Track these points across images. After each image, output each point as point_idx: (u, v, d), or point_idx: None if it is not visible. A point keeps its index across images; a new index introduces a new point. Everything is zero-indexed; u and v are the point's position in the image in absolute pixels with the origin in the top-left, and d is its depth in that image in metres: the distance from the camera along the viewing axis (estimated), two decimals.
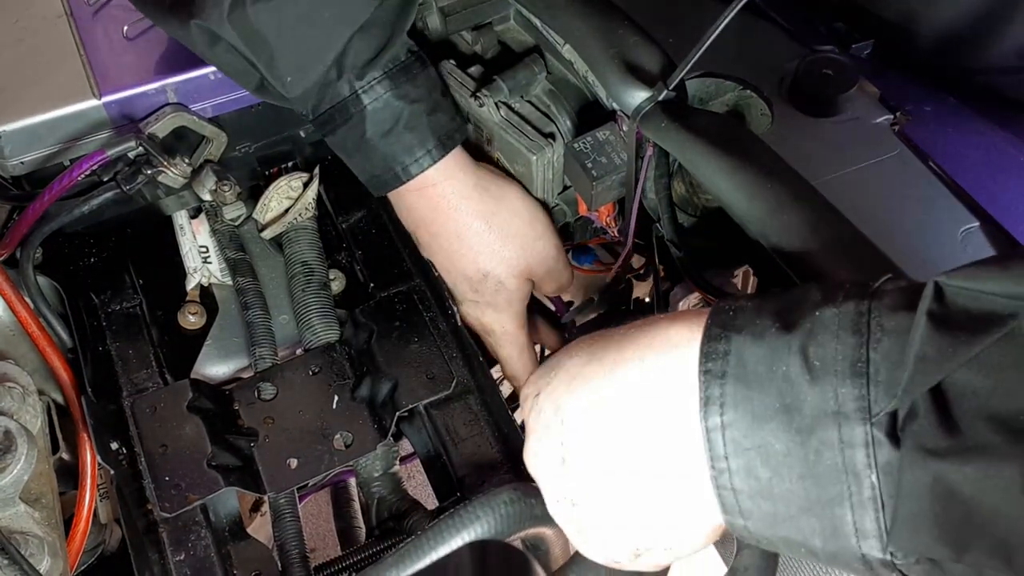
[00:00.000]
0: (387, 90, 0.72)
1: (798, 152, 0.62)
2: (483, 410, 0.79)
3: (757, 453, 0.44)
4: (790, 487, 0.43)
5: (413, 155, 0.75)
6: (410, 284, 0.85)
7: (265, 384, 0.79)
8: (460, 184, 0.77)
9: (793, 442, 0.43)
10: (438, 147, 0.75)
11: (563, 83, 0.78)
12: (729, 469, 0.45)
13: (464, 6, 0.80)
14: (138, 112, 0.79)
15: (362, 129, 0.73)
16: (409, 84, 0.73)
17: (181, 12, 0.69)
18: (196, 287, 0.86)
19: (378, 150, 0.74)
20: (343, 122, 0.74)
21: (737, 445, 0.45)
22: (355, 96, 0.72)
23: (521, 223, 0.80)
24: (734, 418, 0.45)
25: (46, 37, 0.82)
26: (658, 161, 0.67)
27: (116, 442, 0.74)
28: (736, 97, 0.72)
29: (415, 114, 0.74)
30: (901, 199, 0.64)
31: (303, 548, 0.75)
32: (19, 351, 0.77)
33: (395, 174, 0.75)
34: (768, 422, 0.44)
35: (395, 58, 0.73)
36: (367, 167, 0.76)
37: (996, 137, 0.74)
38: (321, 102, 0.73)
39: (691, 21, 0.65)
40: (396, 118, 0.73)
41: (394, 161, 0.75)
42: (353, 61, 0.71)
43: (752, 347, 0.45)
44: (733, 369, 0.45)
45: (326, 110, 0.73)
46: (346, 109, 0.73)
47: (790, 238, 0.55)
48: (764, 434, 0.44)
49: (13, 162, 0.77)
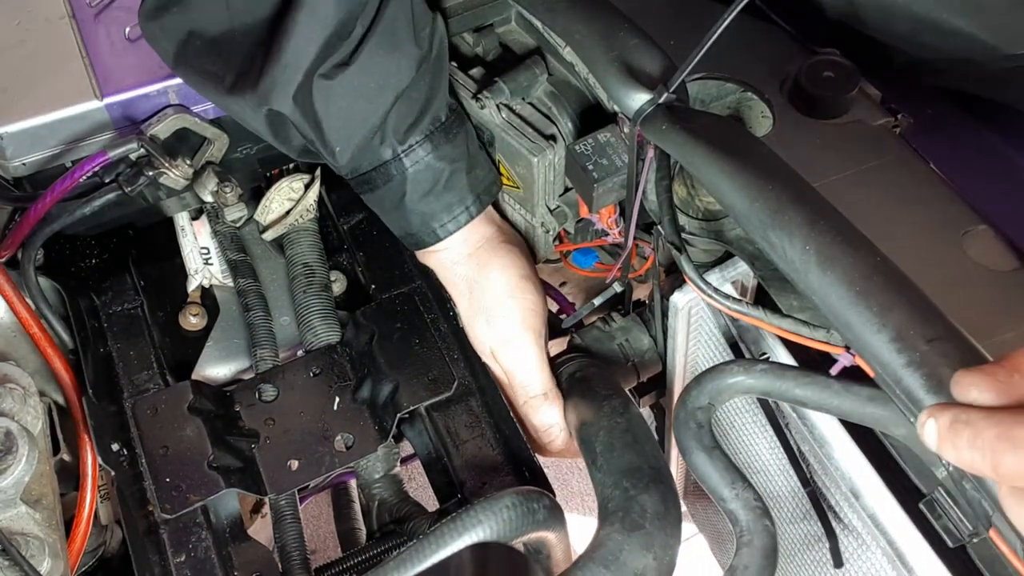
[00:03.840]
0: (428, 152, 0.73)
1: (799, 154, 0.62)
2: (484, 412, 0.79)
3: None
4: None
5: (452, 213, 0.76)
6: (411, 286, 0.85)
7: (266, 385, 0.79)
8: (457, 252, 0.78)
9: None
10: (475, 203, 0.76)
11: (564, 85, 0.78)
12: None
13: (465, 8, 0.80)
14: (140, 113, 0.79)
15: (403, 190, 0.74)
16: (449, 144, 0.74)
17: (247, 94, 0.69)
18: (197, 288, 0.86)
19: (417, 210, 0.75)
20: (383, 183, 0.74)
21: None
22: (397, 159, 0.73)
23: (495, 302, 0.78)
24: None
25: (48, 39, 0.82)
26: (659, 163, 0.67)
27: (117, 443, 0.74)
28: (737, 99, 0.72)
29: (455, 173, 0.75)
30: (902, 201, 0.64)
31: (304, 550, 0.75)
32: (20, 352, 0.77)
33: (432, 231, 0.76)
34: None
35: (436, 119, 0.74)
36: (404, 225, 0.77)
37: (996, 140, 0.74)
38: (361, 164, 0.74)
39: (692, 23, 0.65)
40: (436, 179, 0.74)
41: (433, 220, 0.76)
42: (394, 125, 0.71)
43: None
44: None
45: (366, 171, 0.74)
46: (387, 172, 0.73)
47: (791, 240, 0.55)
48: None
49: (15, 163, 0.77)
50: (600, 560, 0.60)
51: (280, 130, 0.72)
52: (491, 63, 0.82)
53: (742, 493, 0.62)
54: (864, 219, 0.56)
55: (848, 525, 0.66)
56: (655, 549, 0.61)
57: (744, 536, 0.62)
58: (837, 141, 0.68)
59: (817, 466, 0.67)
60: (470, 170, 0.76)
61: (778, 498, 0.76)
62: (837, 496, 0.66)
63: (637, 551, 0.61)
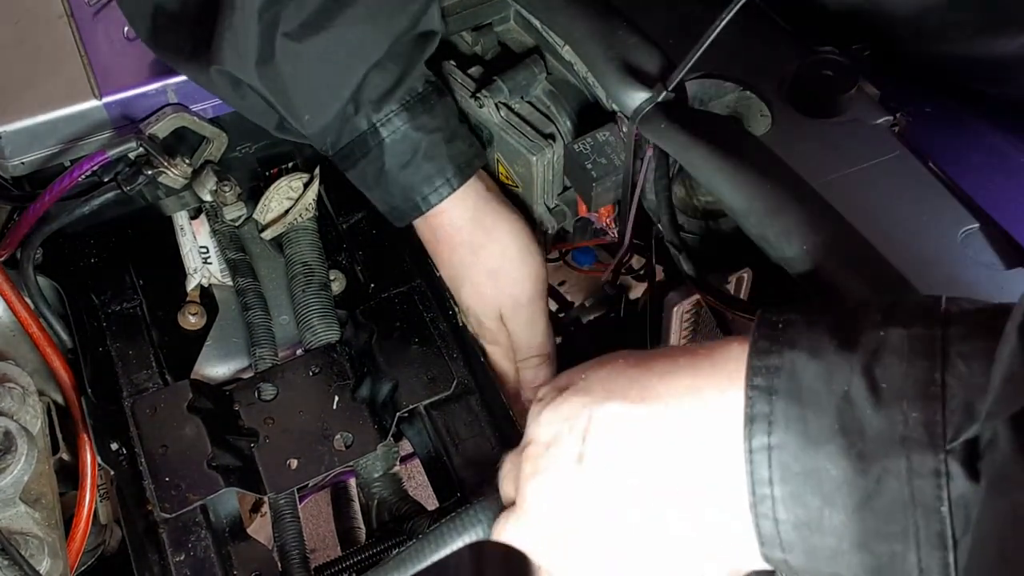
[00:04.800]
0: (404, 122, 0.73)
1: (798, 153, 0.62)
2: (484, 411, 0.79)
3: (807, 479, 0.40)
4: (843, 519, 0.39)
5: (432, 185, 0.75)
6: (410, 285, 0.85)
7: (265, 385, 0.79)
8: (457, 216, 0.77)
9: (852, 469, 0.39)
10: (457, 175, 0.75)
11: (563, 84, 0.78)
12: (773, 496, 0.41)
13: (464, 7, 0.80)
14: (138, 113, 0.79)
15: (381, 162, 0.73)
16: (427, 115, 0.73)
17: (201, 59, 0.69)
18: (196, 288, 0.86)
19: (398, 182, 0.75)
20: (362, 156, 0.74)
21: (785, 469, 0.41)
22: (373, 129, 0.72)
23: (505, 261, 0.78)
24: (784, 439, 0.41)
25: (47, 38, 0.82)
26: (658, 162, 0.67)
27: (116, 443, 0.74)
28: (736, 98, 0.72)
29: (433, 144, 0.74)
30: (901, 200, 0.64)
31: (303, 549, 0.75)
32: (19, 352, 0.77)
33: (415, 204, 0.76)
34: (824, 445, 0.40)
35: (412, 90, 0.73)
36: (387, 199, 0.77)
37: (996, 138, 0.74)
38: (340, 138, 0.73)
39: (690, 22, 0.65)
40: (415, 149, 0.73)
41: (413, 192, 0.75)
42: (369, 95, 0.71)
43: (808, 364, 0.41)
44: (785, 385, 0.41)
45: (345, 145, 0.74)
46: (365, 143, 0.73)
47: (789, 239, 0.55)
48: (819, 458, 0.40)
49: (14, 163, 0.77)
50: None
51: (245, 99, 0.71)
52: (490, 62, 0.82)
53: None
54: (863, 218, 0.56)
55: None
56: None
57: None
58: (836, 140, 0.68)
59: None
60: (450, 140, 0.75)
61: None
62: None
63: None
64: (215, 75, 0.70)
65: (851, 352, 0.40)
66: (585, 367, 0.52)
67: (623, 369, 0.49)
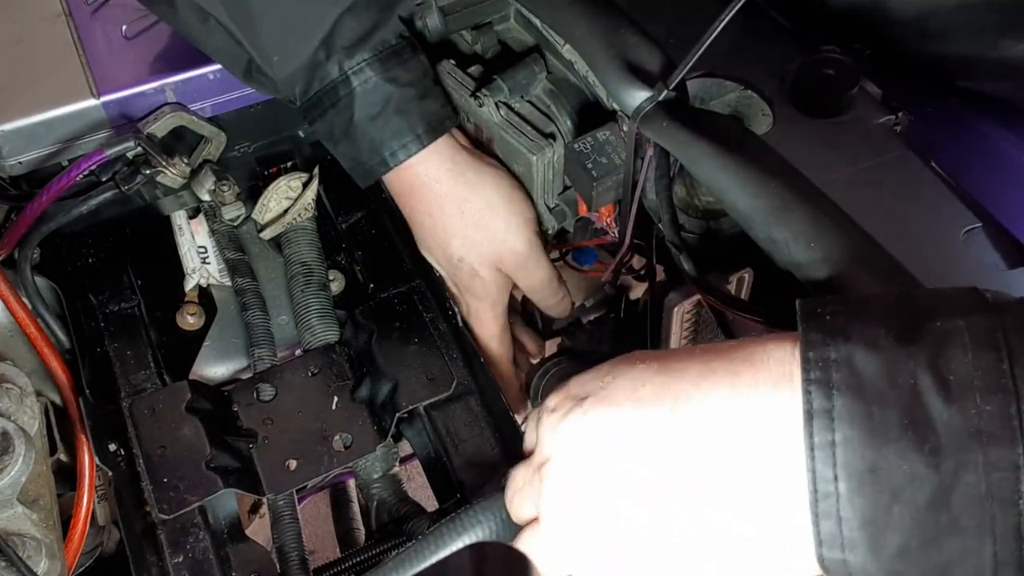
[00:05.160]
0: (377, 73, 0.71)
1: (799, 153, 0.62)
2: (484, 411, 0.79)
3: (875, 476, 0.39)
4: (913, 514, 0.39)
5: (401, 140, 0.73)
6: (410, 285, 0.85)
7: (264, 385, 0.79)
8: (434, 168, 0.75)
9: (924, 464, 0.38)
10: (427, 132, 0.74)
11: (563, 83, 0.78)
12: (837, 493, 0.40)
13: (464, 5, 0.79)
14: (137, 112, 0.79)
15: (350, 112, 0.72)
16: (400, 68, 0.72)
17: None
18: (195, 288, 0.86)
19: (366, 134, 0.73)
20: (331, 105, 0.72)
21: (851, 466, 0.39)
22: (344, 78, 0.71)
23: (492, 214, 0.77)
24: (849, 435, 0.40)
25: (44, 37, 0.82)
26: (659, 162, 0.67)
27: (114, 443, 0.74)
28: (737, 97, 0.72)
29: (405, 98, 0.72)
30: (903, 200, 0.64)
31: (302, 550, 0.75)
32: (17, 352, 0.77)
33: (382, 159, 0.74)
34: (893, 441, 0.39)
35: (385, 41, 0.72)
36: (354, 153, 0.75)
37: (998, 138, 0.74)
38: (309, 86, 0.72)
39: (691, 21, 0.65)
40: (385, 101, 0.72)
41: (381, 146, 0.73)
42: (341, 42, 0.70)
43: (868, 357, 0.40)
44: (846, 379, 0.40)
45: (314, 94, 0.72)
46: (335, 91, 0.71)
47: (795, 239, 0.55)
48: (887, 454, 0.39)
49: (11, 162, 0.77)
50: None
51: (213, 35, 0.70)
52: (490, 61, 0.82)
53: None
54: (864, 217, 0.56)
55: None
56: None
57: None
58: (837, 139, 0.68)
59: None
60: (422, 97, 0.74)
61: None
62: None
63: None
64: (183, 8, 0.68)
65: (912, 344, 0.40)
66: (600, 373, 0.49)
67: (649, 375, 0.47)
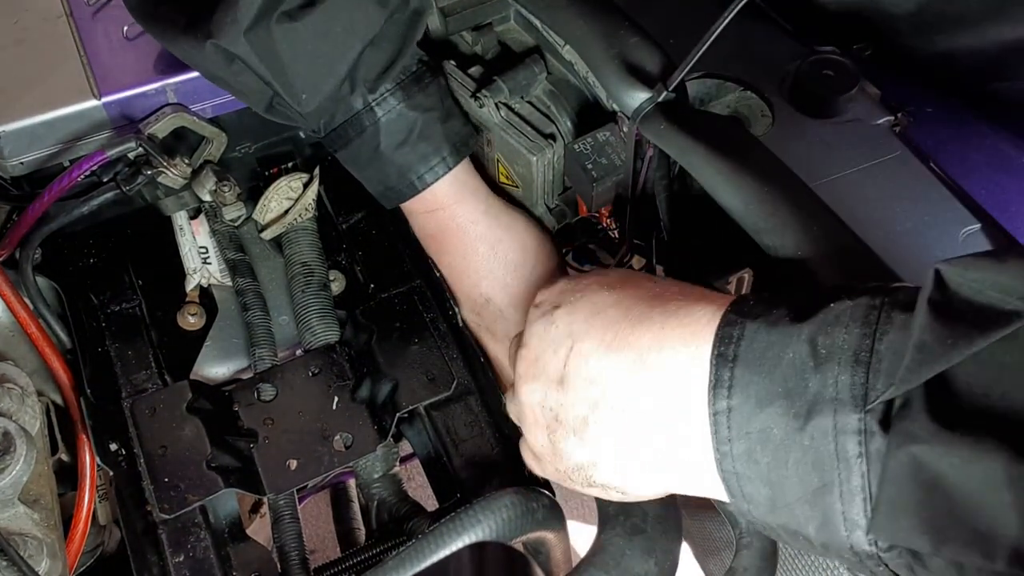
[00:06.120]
0: (400, 101, 0.73)
1: (799, 153, 0.62)
2: (483, 411, 0.79)
3: (758, 437, 0.44)
4: (786, 473, 0.44)
5: (428, 163, 0.75)
6: (410, 285, 0.85)
7: (265, 385, 0.79)
8: (471, 209, 0.78)
9: (791, 427, 0.43)
10: (452, 154, 0.76)
11: (563, 84, 0.78)
12: (732, 453, 0.46)
13: (464, 6, 0.79)
14: (138, 112, 0.79)
15: (376, 141, 0.73)
16: (421, 94, 0.74)
17: (198, 33, 0.69)
18: (196, 288, 0.86)
19: (393, 162, 0.75)
20: (356, 135, 0.74)
21: (740, 429, 0.45)
22: (368, 109, 0.72)
23: (525, 255, 0.80)
24: (740, 402, 0.45)
25: (46, 37, 0.82)
26: (658, 162, 0.67)
27: (115, 443, 0.74)
28: (736, 98, 0.72)
29: (428, 123, 0.74)
30: (902, 201, 0.64)
31: (303, 550, 0.75)
32: (18, 352, 0.77)
33: (410, 183, 0.76)
34: (769, 406, 0.44)
35: (406, 69, 0.73)
36: (381, 179, 0.77)
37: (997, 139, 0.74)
38: (334, 118, 0.73)
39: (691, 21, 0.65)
40: (410, 129, 0.74)
41: (409, 171, 0.75)
42: (365, 74, 0.71)
43: (764, 334, 0.45)
44: (744, 353, 0.45)
45: (339, 125, 0.74)
46: (360, 122, 0.73)
47: (784, 241, 0.55)
48: (765, 418, 0.44)
49: (13, 163, 0.77)
50: (601, 565, 0.60)
51: (239, 76, 0.71)
52: (490, 62, 0.82)
53: None
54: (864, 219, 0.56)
55: None
56: (656, 554, 0.61)
57: (744, 538, 0.61)
58: (837, 140, 0.68)
59: None
60: (445, 120, 0.75)
61: None
62: None
63: (639, 556, 0.61)
64: (210, 50, 0.69)
65: (802, 323, 0.44)
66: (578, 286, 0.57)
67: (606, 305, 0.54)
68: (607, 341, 0.53)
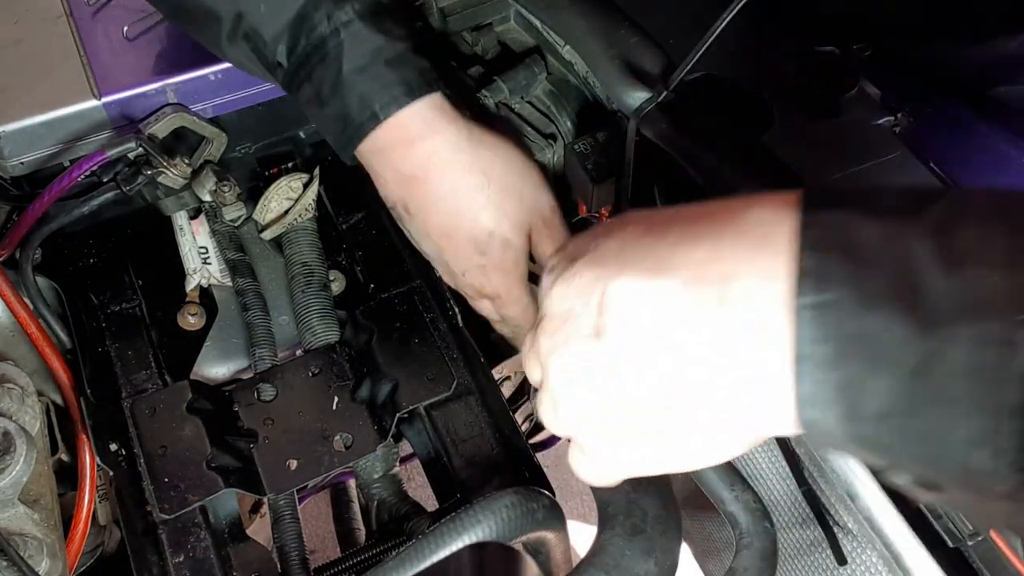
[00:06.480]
0: (367, 23, 0.68)
1: (799, 153, 0.62)
2: (484, 411, 0.79)
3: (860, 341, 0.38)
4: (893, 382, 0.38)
5: (392, 92, 0.68)
6: (410, 285, 0.85)
7: (265, 385, 0.79)
8: (452, 136, 0.70)
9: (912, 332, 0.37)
10: (421, 85, 0.68)
11: (564, 84, 0.78)
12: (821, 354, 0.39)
13: (464, 7, 0.80)
14: (138, 112, 0.79)
15: (338, 64, 0.68)
16: (391, 22, 0.69)
17: None
18: (196, 288, 0.86)
19: (354, 88, 0.68)
20: (319, 61, 0.68)
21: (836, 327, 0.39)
22: (333, 30, 0.67)
23: (519, 176, 0.73)
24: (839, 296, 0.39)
25: (46, 37, 0.82)
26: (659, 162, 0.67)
27: (115, 443, 0.74)
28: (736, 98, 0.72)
29: (396, 50, 0.69)
30: None
31: (303, 550, 0.75)
32: (18, 352, 0.77)
33: (372, 113, 0.68)
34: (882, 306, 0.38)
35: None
36: (341, 109, 0.69)
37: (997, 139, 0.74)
38: (296, 42, 0.68)
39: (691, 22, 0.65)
40: (376, 51, 0.68)
41: (372, 98, 0.68)
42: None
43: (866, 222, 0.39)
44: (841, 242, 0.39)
45: (301, 50, 0.69)
46: (323, 46, 0.68)
47: None
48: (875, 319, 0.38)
49: (13, 163, 0.77)
50: (601, 565, 0.60)
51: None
52: (490, 62, 0.82)
53: (741, 495, 0.62)
54: None
55: (844, 527, 0.66)
56: (656, 554, 0.61)
57: (744, 538, 0.62)
58: (836, 140, 0.68)
59: (813, 468, 0.67)
60: (416, 52, 0.70)
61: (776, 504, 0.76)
62: (833, 498, 0.66)
63: (639, 556, 0.61)
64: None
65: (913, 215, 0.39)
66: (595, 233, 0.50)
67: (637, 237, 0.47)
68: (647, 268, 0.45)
